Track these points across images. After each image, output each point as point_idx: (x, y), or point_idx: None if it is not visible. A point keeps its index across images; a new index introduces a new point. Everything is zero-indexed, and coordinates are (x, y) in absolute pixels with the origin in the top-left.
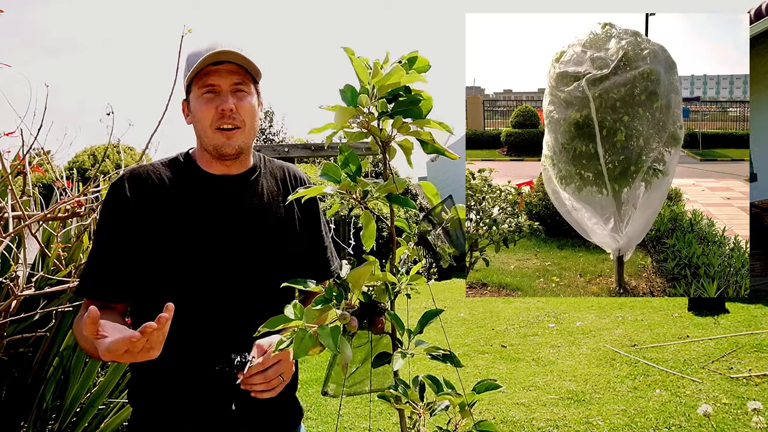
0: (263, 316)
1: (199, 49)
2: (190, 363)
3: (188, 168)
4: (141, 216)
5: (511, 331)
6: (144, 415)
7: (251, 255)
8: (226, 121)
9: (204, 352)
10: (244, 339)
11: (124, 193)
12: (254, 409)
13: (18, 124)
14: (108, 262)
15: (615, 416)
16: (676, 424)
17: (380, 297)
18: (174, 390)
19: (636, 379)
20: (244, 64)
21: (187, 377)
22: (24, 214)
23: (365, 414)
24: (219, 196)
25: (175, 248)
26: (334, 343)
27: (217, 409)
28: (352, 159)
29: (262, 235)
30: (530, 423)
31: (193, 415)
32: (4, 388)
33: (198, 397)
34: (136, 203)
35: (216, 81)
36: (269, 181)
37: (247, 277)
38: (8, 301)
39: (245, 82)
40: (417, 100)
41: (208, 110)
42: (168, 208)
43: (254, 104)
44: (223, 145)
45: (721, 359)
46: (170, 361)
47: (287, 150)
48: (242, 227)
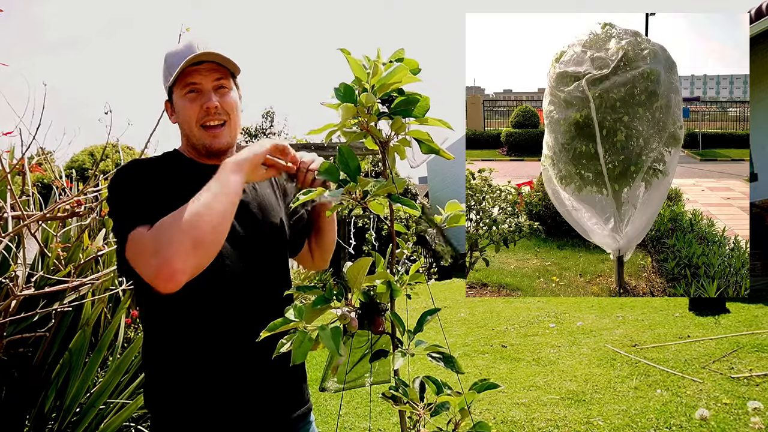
0: (274, 294)
1: (177, 50)
2: (203, 352)
3: (182, 161)
4: (151, 194)
5: (511, 331)
6: (171, 412)
7: (258, 236)
8: (211, 117)
9: (216, 339)
10: (253, 324)
11: (134, 172)
12: (265, 396)
13: (17, 124)
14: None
15: (615, 416)
16: (677, 425)
17: (381, 297)
18: (191, 380)
19: (637, 379)
20: (224, 63)
21: (202, 366)
22: (23, 213)
23: (365, 414)
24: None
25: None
26: (335, 344)
27: (231, 394)
28: (351, 158)
29: (264, 217)
30: (530, 423)
31: (210, 404)
32: (4, 388)
33: (213, 384)
34: (145, 182)
35: (198, 80)
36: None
37: (255, 259)
38: (8, 301)
39: (225, 78)
40: (415, 100)
41: (192, 108)
42: (172, 195)
43: (236, 98)
44: (210, 143)
45: (722, 359)
46: (185, 351)
47: None
48: (246, 210)
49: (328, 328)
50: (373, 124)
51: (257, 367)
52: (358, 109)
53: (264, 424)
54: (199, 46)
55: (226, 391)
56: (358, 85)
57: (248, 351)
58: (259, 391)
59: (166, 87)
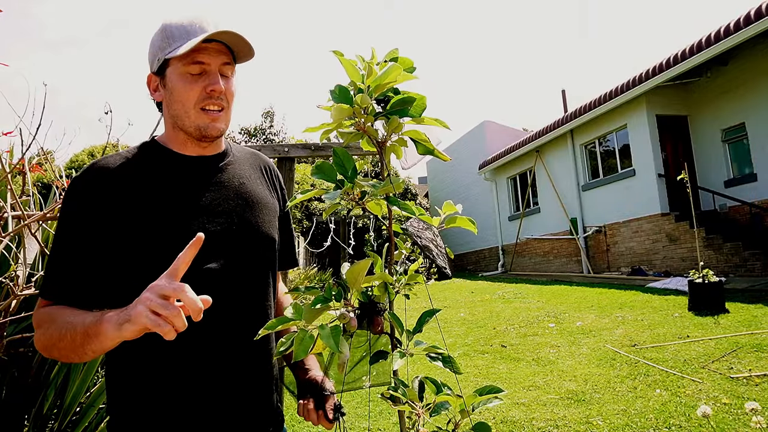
0: (257, 301)
1: (181, 22)
2: (187, 353)
3: (159, 152)
4: (110, 207)
5: (511, 331)
6: (131, 415)
7: (244, 233)
8: (213, 101)
9: (202, 338)
10: (240, 322)
11: (89, 186)
12: (236, 410)
13: (17, 124)
14: (77, 260)
15: (615, 416)
16: (676, 424)
17: (379, 297)
18: (168, 382)
19: (636, 379)
20: (238, 44)
21: (183, 368)
22: (24, 213)
23: (365, 414)
24: (200, 176)
25: (162, 234)
26: (335, 343)
27: (204, 404)
28: (347, 160)
29: (251, 213)
30: (530, 423)
31: (183, 408)
32: (4, 388)
33: (190, 389)
34: (102, 194)
35: (206, 59)
36: (243, 163)
37: (243, 257)
38: (8, 301)
39: (231, 63)
40: (411, 99)
41: (194, 89)
42: (144, 195)
43: (236, 87)
44: (207, 126)
45: (722, 359)
46: (165, 355)
47: (287, 150)
48: (230, 205)
49: (328, 327)
50: (369, 125)
51: (236, 371)
52: (354, 110)
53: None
54: (212, 24)
55: (198, 409)
56: (353, 87)
57: (230, 356)
58: (232, 408)
59: (160, 57)
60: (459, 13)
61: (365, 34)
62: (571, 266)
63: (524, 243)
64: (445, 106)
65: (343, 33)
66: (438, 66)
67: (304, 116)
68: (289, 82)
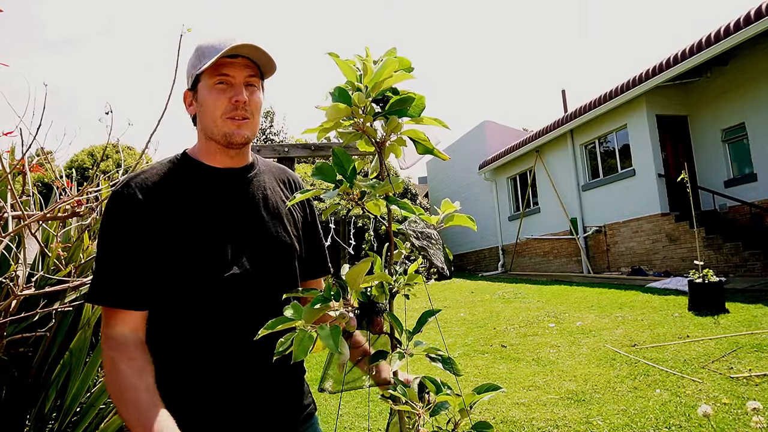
0: (278, 309)
1: (212, 43)
2: (212, 360)
3: (191, 165)
4: (151, 218)
5: (511, 331)
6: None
7: (271, 245)
8: (238, 112)
9: (225, 348)
10: (255, 331)
11: (130, 196)
12: (261, 410)
13: (17, 124)
14: (125, 265)
15: (615, 416)
16: (676, 424)
17: (379, 297)
18: (196, 386)
19: (636, 379)
20: (261, 59)
21: (208, 373)
22: (24, 213)
23: (365, 414)
24: (229, 188)
25: (195, 245)
26: (335, 343)
27: (233, 400)
28: (346, 160)
29: (278, 226)
30: (530, 423)
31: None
32: (4, 388)
33: (215, 389)
34: (143, 206)
35: (231, 72)
36: (270, 177)
37: (263, 265)
38: (8, 301)
39: (257, 77)
40: (410, 99)
41: (220, 100)
42: (178, 207)
43: (261, 99)
44: (233, 133)
45: (722, 359)
46: (192, 357)
47: (287, 150)
48: (254, 216)
49: (327, 327)
50: (368, 125)
51: (259, 374)
52: (353, 109)
53: (267, 429)
54: (238, 41)
55: (229, 402)
56: (351, 86)
57: (251, 360)
58: (261, 400)
59: (193, 74)
60: (459, 13)
61: (365, 35)
62: (571, 266)
63: (524, 243)
64: (445, 106)
65: (344, 33)
66: (438, 66)
67: (305, 116)
68: (289, 82)
